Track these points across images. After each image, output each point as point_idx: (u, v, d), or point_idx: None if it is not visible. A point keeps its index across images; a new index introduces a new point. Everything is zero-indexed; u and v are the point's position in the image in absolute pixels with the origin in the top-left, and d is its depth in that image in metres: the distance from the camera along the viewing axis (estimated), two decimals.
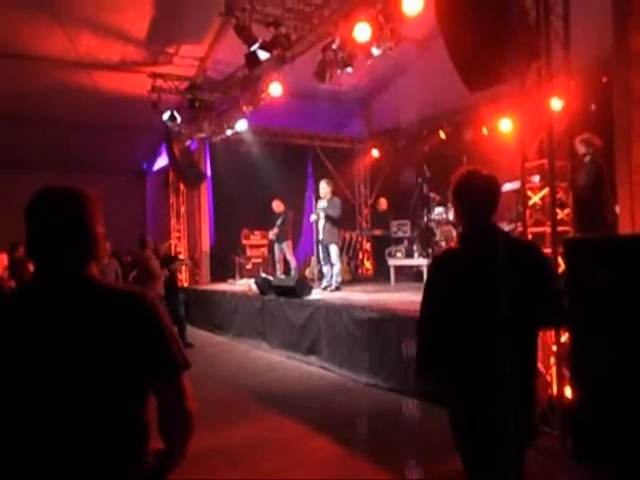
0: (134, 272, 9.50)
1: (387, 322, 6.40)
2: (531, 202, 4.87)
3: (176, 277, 10.59)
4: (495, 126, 10.28)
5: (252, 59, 7.87)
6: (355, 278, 12.35)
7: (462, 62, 4.71)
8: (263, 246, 12.58)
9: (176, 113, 10.70)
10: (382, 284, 10.65)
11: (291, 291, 8.56)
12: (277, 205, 11.01)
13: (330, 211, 9.23)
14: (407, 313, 6.09)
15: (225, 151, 12.47)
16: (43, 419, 1.46)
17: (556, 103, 4.74)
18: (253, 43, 7.68)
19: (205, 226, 12.94)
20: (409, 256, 10.22)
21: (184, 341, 8.78)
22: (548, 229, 4.71)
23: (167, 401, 1.60)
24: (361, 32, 7.10)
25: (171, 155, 11.99)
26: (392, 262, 10.47)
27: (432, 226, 10.08)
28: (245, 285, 10.60)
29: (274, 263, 11.48)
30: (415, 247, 10.23)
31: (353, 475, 4.23)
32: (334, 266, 9.39)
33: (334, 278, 9.38)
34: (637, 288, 3.62)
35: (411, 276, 10.57)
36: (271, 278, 9.68)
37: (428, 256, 9.51)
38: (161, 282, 8.86)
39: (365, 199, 14.63)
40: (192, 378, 1.66)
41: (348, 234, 13.10)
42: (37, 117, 11.47)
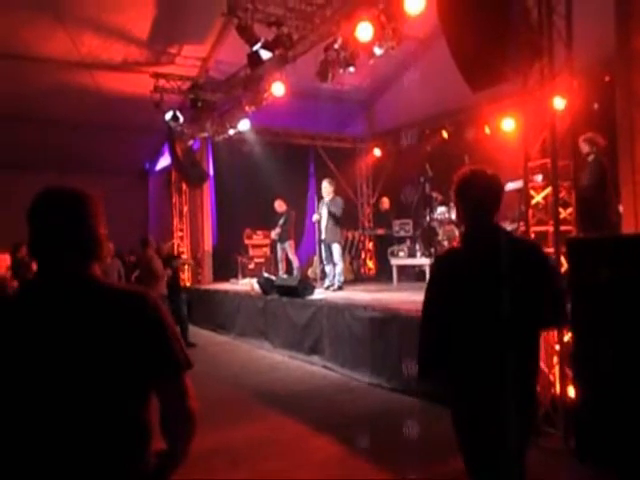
0: (137, 272, 9.50)
1: (389, 322, 6.39)
2: (534, 201, 4.85)
3: (179, 277, 10.61)
4: (497, 125, 10.25)
5: (254, 59, 7.86)
6: (357, 277, 12.35)
7: (464, 61, 4.70)
8: (265, 246, 12.58)
9: (178, 113, 10.71)
10: (384, 283, 10.65)
11: (293, 291, 8.55)
12: (279, 205, 11.01)
13: (333, 208, 9.23)
14: (409, 313, 6.08)
15: (227, 151, 12.47)
16: (44, 419, 1.46)
17: (559, 102, 4.73)
18: (255, 43, 7.67)
19: (208, 226, 12.94)
20: (411, 256, 10.23)
21: (186, 341, 8.79)
22: (551, 228, 4.69)
23: (169, 401, 1.60)
24: (363, 32, 7.10)
25: (173, 155, 11.99)
26: (394, 262, 10.47)
27: (434, 226, 10.08)
28: (247, 285, 10.58)
29: (276, 263, 11.49)
30: (417, 247, 10.22)
31: (355, 475, 4.23)
32: (337, 265, 9.36)
33: (336, 278, 9.36)
34: None
35: (413, 276, 10.55)
36: (273, 278, 9.68)
37: (430, 256, 9.51)
38: (164, 282, 8.86)
39: (367, 198, 14.61)
40: (194, 378, 1.66)
41: (350, 233, 13.06)
42: (39, 117, 11.48)
